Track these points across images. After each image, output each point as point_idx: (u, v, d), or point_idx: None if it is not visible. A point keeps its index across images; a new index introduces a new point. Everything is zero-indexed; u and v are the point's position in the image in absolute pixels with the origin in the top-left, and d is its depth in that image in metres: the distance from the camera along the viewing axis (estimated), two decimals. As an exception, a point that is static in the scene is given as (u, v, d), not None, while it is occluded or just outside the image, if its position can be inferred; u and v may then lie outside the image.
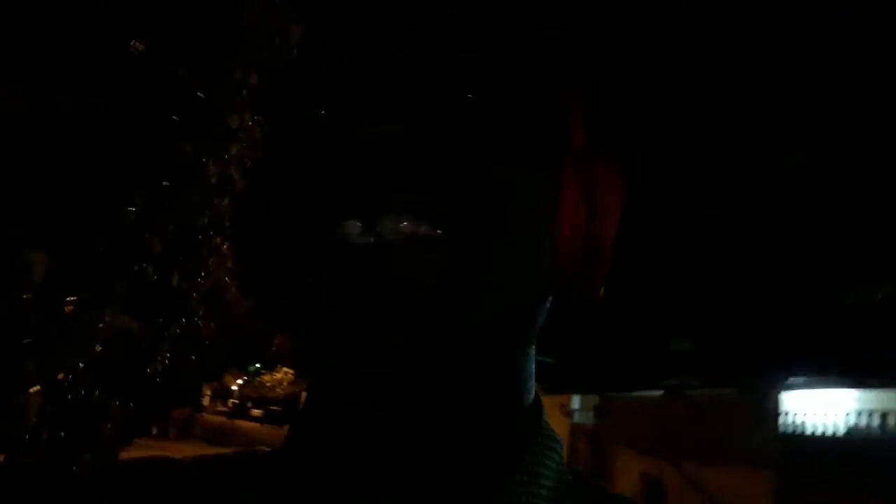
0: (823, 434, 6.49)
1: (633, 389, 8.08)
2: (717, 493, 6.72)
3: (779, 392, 6.74)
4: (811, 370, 6.36)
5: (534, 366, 0.47)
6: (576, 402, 9.04)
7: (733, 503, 6.57)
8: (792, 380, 6.55)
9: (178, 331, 2.88)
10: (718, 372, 6.80)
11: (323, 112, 0.43)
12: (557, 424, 8.58)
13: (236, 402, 28.57)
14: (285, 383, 25.29)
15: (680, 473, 7.11)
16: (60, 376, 2.34)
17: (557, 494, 0.45)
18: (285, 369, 23.75)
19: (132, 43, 2.41)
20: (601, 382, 8.38)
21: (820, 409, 6.65)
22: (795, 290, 6.42)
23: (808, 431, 6.65)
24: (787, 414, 6.81)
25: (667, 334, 7.23)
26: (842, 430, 6.46)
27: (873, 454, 6.01)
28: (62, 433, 2.40)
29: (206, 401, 26.40)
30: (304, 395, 0.50)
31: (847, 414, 6.44)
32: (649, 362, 7.37)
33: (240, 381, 28.27)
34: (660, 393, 7.57)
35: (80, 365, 2.40)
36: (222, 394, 29.37)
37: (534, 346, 0.47)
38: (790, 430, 6.73)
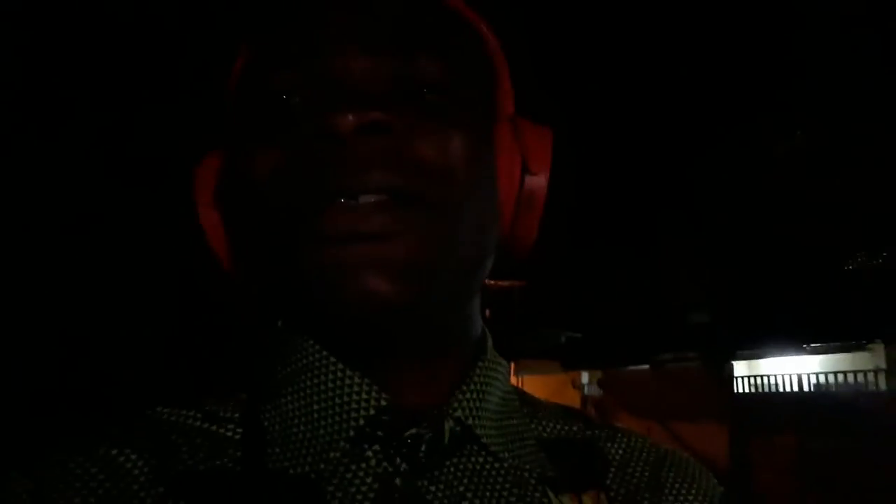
0: (769, 392, 8.03)
1: (626, 365, 9.63)
2: (691, 446, 8.25)
3: (731, 361, 8.28)
4: (756, 343, 7.83)
5: (479, 304, 0.52)
6: (585, 377, 10.38)
7: (704, 453, 8.12)
8: (743, 352, 8.06)
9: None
10: (687, 348, 8.34)
11: (305, 100, 0.46)
12: (572, 396, 10.11)
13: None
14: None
15: (664, 431, 8.64)
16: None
17: (504, 409, 0.51)
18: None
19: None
20: (602, 360, 9.85)
21: (787, 371, 8.15)
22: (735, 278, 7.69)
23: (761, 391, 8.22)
24: (744, 378, 8.38)
25: (651, 318, 8.72)
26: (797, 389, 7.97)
27: (811, 406, 7.50)
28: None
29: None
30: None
31: (808, 375, 7.92)
32: (637, 342, 8.91)
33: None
34: (647, 367, 9.13)
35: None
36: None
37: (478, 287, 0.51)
38: (746, 390, 8.31)
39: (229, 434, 0.47)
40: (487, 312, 11.39)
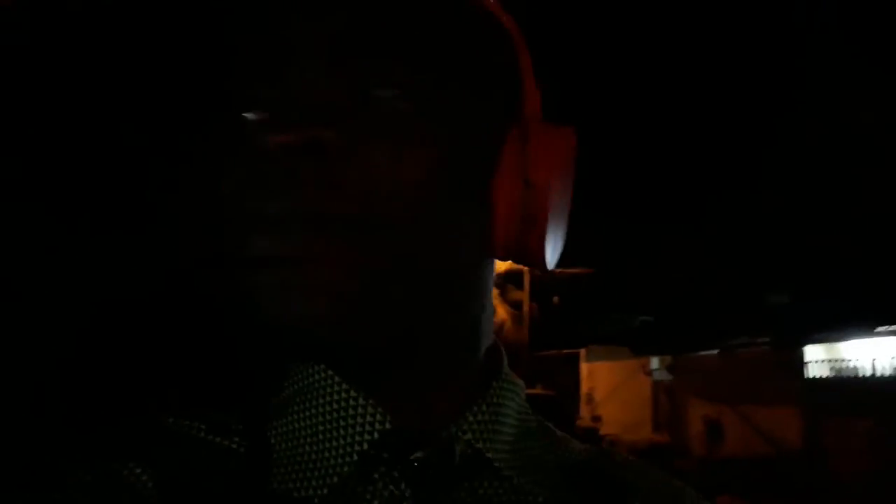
0: (844, 377, 7.99)
1: (696, 350, 9.68)
2: (761, 428, 8.29)
3: (803, 346, 8.25)
4: (827, 326, 7.79)
5: (488, 321, 0.48)
6: (654, 362, 10.48)
7: (773, 435, 8.14)
8: (817, 335, 8.02)
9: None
10: (758, 332, 8.35)
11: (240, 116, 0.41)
12: (641, 382, 10.19)
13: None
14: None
15: (734, 414, 8.69)
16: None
17: (520, 432, 0.47)
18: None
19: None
20: (672, 345, 9.93)
21: (866, 355, 8.09)
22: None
23: (838, 375, 8.17)
24: (816, 363, 8.35)
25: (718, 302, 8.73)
26: (879, 373, 7.90)
27: (885, 389, 7.44)
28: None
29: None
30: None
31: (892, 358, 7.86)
32: (708, 327, 8.94)
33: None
34: (716, 352, 9.17)
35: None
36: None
37: (485, 302, 0.47)
38: (818, 375, 8.29)
39: (234, 447, 0.45)
40: (556, 299, 11.56)
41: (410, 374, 0.45)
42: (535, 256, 0.46)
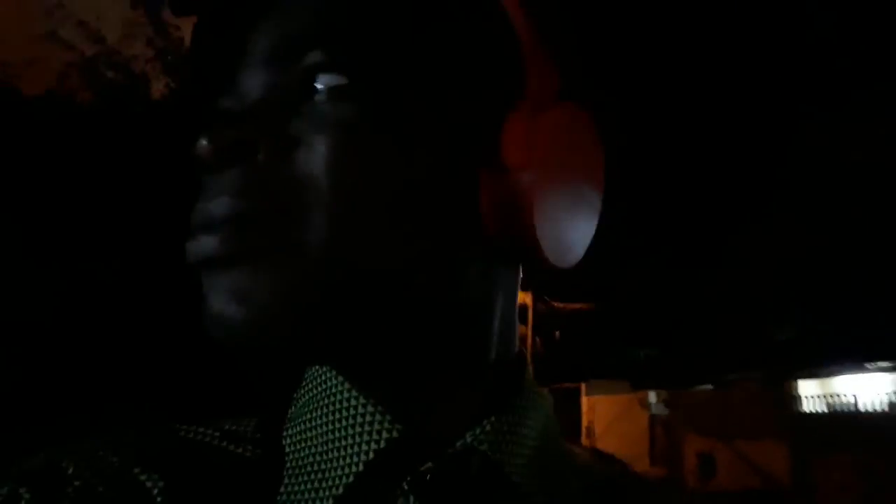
0: (833, 413, 8.24)
1: (692, 385, 9.94)
2: (752, 462, 8.52)
3: (794, 381, 8.54)
4: (814, 362, 8.06)
5: (508, 327, 0.45)
6: (652, 396, 10.66)
7: (763, 469, 8.37)
8: (808, 371, 8.30)
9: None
10: (748, 369, 8.62)
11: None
12: (639, 416, 10.38)
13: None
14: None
15: (727, 448, 8.91)
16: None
17: (543, 446, 0.44)
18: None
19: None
20: (671, 379, 10.17)
21: (861, 390, 8.33)
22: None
23: (830, 410, 8.43)
24: (808, 398, 8.62)
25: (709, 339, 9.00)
26: (870, 408, 8.15)
27: (873, 425, 7.68)
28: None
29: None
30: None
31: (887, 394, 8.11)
32: (701, 362, 9.21)
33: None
34: (710, 387, 9.43)
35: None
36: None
37: (496, 306, 0.44)
38: (809, 410, 8.55)
39: (248, 455, 0.44)
40: (557, 334, 11.77)
41: (416, 380, 0.42)
42: (529, 249, 0.41)
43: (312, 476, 0.42)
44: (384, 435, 0.40)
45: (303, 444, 0.43)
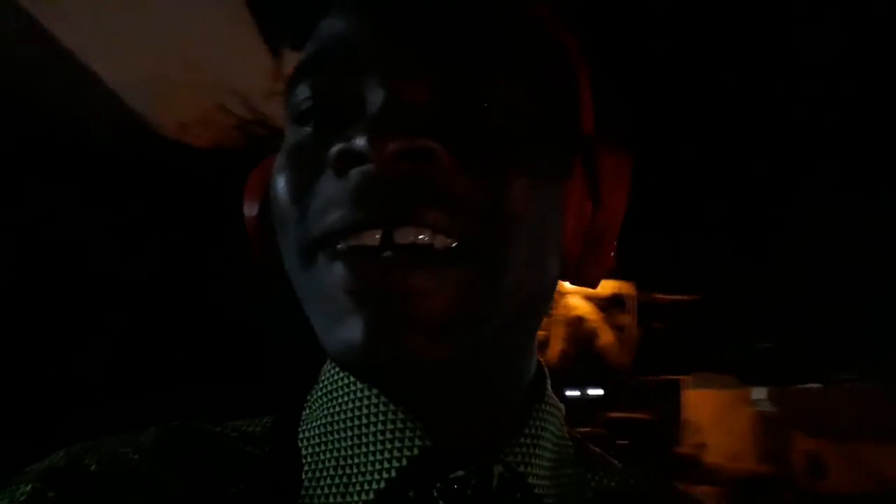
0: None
1: (799, 383, 9.58)
2: (867, 465, 8.18)
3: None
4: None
5: (535, 342, 0.46)
6: (757, 392, 10.32)
7: (879, 472, 8.01)
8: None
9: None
10: (860, 367, 8.26)
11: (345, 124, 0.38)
12: (745, 412, 10.13)
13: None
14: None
15: (837, 449, 8.59)
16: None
17: (559, 457, 0.46)
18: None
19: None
20: (781, 376, 9.87)
21: None
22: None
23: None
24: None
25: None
26: None
27: None
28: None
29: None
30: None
31: None
32: (810, 361, 8.90)
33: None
34: (819, 385, 9.10)
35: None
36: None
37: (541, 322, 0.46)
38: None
39: (264, 456, 0.44)
40: (657, 325, 11.57)
41: (461, 394, 0.42)
42: (593, 278, 0.45)
43: (338, 480, 0.42)
44: (417, 443, 0.41)
45: (323, 448, 0.43)
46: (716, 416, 10.59)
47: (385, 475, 0.41)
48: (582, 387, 12.63)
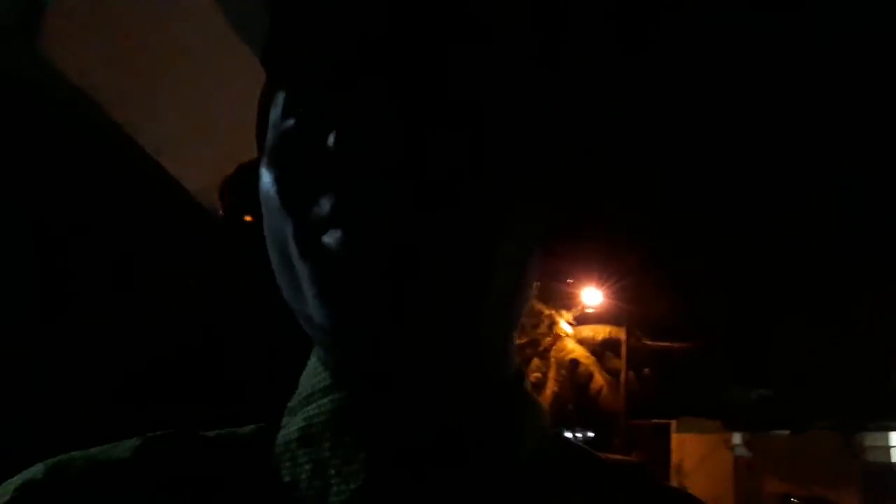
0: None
1: (770, 430, 10.38)
2: (829, 506, 8.90)
3: (861, 432, 8.93)
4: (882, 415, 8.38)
5: (513, 341, 0.47)
6: (736, 438, 11.09)
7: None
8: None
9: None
10: (824, 418, 8.98)
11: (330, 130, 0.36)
12: (724, 456, 10.67)
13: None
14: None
15: (803, 494, 9.33)
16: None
17: (539, 448, 0.45)
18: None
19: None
20: (751, 423, 10.60)
21: None
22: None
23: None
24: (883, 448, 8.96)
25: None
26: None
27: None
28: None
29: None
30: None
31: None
32: (781, 409, 9.59)
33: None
34: (787, 432, 9.87)
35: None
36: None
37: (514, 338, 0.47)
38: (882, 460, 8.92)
39: (246, 464, 0.44)
40: (647, 371, 12.01)
41: (442, 391, 0.41)
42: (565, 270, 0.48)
43: (315, 483, 0.40)
44: (392, 442, 0.40)
45: (301, 452, 0.42)
46: (698, 460, 11.18)
47: (363, 475, 0.39)
48: (574, 429, 12.93)
